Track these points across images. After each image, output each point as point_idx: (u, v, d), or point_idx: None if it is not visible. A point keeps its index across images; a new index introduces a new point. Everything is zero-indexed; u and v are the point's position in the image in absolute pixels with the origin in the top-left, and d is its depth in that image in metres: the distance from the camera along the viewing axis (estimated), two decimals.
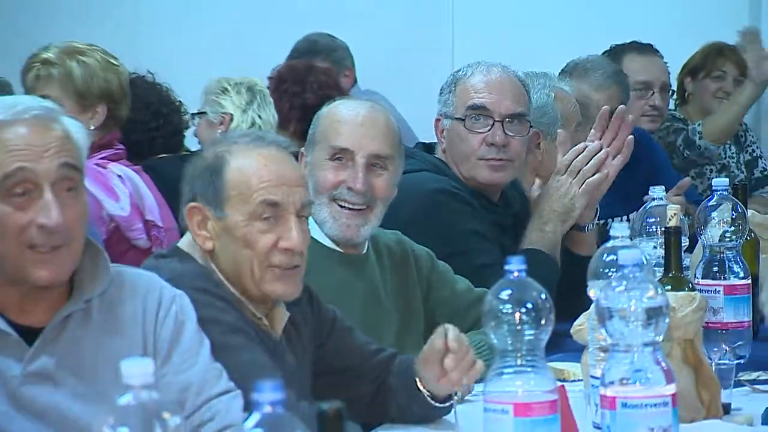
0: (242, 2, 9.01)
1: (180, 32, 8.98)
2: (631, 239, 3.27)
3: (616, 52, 7.15)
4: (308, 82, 6.05)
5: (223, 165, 3.29)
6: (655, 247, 3.74)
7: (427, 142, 5.02)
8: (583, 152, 4.53)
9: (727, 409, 3.33)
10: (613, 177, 4.59)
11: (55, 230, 2.64)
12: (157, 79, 6.19)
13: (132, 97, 5.47)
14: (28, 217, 2.64)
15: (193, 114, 6.49)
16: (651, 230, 3.91)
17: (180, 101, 6.29)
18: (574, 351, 3.47)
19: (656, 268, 3.57)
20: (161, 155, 6.00)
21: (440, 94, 4.77)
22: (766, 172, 7.65)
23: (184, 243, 3.57)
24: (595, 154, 4.55)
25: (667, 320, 2.66)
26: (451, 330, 3.20)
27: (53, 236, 2.65)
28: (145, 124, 5.85)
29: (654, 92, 7.06)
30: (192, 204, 3.29)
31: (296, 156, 3.79)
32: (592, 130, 4.61)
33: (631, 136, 4.63)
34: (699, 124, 7.35)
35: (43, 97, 4.11)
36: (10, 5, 9.15)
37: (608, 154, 4.55)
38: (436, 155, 4.71)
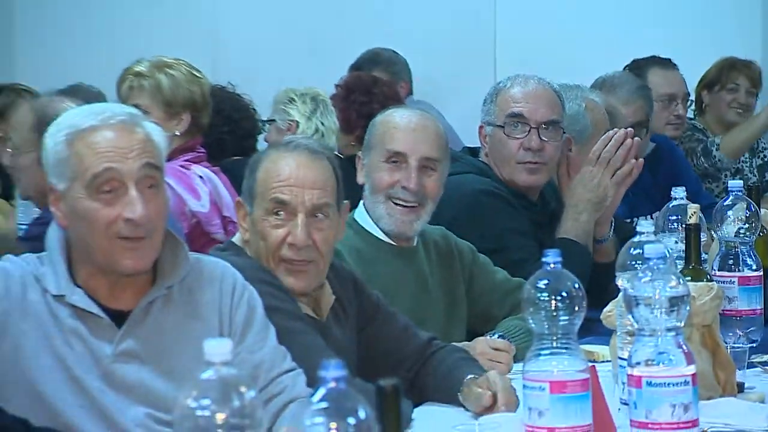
0: (311, 24, 9.04)
1: (257, 49, 8.98)
2: (656, 235, 3.31)
3: (639, 66, 7.12)
4: (374, 93, 6.08)
5: (258, 165, 3.43)
6: (676, 242, 3.74)
7: (472, 146, 5.09)
8: (610, 141, 4.52)
9: (741, 387, 3.37)
10: (639, 168, 4.58)
11: (139, 223, 2.72)
12: (238, 89, 6.33)
13: None
14: (115, 212, 2.72)
15: (263, 121, 6.61)
16: (673, 227, 3.92)
17: (254, 109, 6.39)
18: (604, 335, 3.51)
19: (678, 261, 3.57)
20: (236, 157, 6.02)
21: (483, 104, 4.80)
22: None
23: (236, 238, 3.70)
24: (622, 143, 4.53)
25: (687, 308, 2.69)
26: (498, 380, 3.22)
27: (137, 229, 2.73)
28: (215, 128, 5.89)
29: (677, 103, 7.06)
30: (238, 199, 3.47)
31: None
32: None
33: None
34: (718, 138, 7.38)
35: (135, 106, 4.23)
36: (108, 24, 9.17)
37: (633, 141, 4.55)
38: (480, 159, 4.77)
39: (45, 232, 3.08)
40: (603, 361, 3.49)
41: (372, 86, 6.30)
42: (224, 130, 6.04)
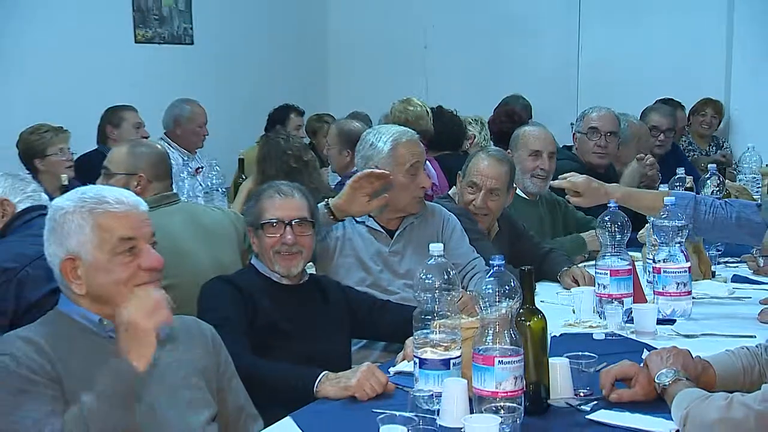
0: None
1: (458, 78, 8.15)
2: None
3: (664, 102, 6.58)
4: (514, 120, 5.84)
5: None
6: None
7: (568, 145, 5.15)
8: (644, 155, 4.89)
9: (713, 275, 3.74)
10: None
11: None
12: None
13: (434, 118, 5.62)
14: None
15: None
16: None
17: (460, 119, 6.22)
18: (639, 246, 3.78)
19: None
20: (446, 152, 5.77)
21: (576, 121, 5.06)
22: None
23: (451, 191, 4.04)
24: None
25: (686, 233, 3.20)
26: (578, 271, 3.61)
27: None
28: (436, 132, 5.70)
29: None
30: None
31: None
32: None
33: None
34: None
35: (405, 122, 4.62)
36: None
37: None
38: (573, 152, 4.95)
39: None
40: (638, 261, 3.54)
41: (513, 115, 6.17)
42: (441, 133, 5.72)
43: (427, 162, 4.99)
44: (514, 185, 3.99)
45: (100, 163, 3.77)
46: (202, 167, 5.62)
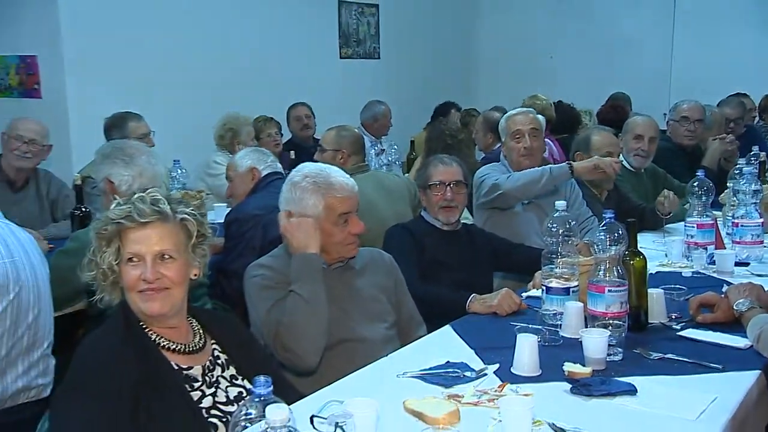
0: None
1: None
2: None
3: (735, 95, 5.77)
4: (618, 111, 5.86)
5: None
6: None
7: (663, 129, 4.54)
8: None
9: None
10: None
11: None
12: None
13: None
14: None
15: None
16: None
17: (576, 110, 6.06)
18: (720, 206, 3.53)
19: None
20: (565, 135, 5.47)
21: (669, 111, 4.68)
22: None
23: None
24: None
25: (760, 195, 3.11)
26: None
27: None
28: (558, 120, 5.59)
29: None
30: None
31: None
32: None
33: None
34: None
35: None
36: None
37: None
38: (667, 135, 4.51)
39: None
40: (719, 217, 3.36)
41: (617, 107, 6.15)
42: (561, 121, 5.56)
43: (551, 141, 4.98)
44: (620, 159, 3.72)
45: None
46: (384, 149, 5.65)
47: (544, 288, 2.28)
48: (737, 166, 3.43)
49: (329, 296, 2.19)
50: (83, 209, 3.33)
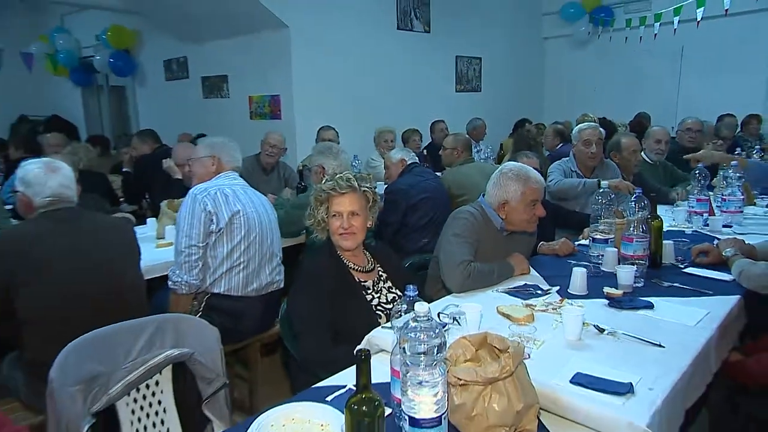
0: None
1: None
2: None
3: (724, 116, 5.86)
4: (642, 124, 5.72)
5: None
6: None
7: (672, 136, 4.30)
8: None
9: (755, 203, 3.29)
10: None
11: None
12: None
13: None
14: None
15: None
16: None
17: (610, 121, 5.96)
18: (713, 188, 3.26)
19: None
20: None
21: (677, 124, 4.42)
22: None
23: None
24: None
25: (742, 180, 2.94)
26: None
27: None
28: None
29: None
30: None
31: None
32: None
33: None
34: None
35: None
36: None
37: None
38: (675, 140, 4.22)
39: None
40: (711, 195, 3.01)
41: (640, 122, 5.97)
42: (606, 129, 4.44)
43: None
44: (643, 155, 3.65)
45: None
46: (481, 149, 5.42)
47: (591, 238, 2.21)
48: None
49: (502, 252, 2.12)
50: (302, 184, 3.82)
